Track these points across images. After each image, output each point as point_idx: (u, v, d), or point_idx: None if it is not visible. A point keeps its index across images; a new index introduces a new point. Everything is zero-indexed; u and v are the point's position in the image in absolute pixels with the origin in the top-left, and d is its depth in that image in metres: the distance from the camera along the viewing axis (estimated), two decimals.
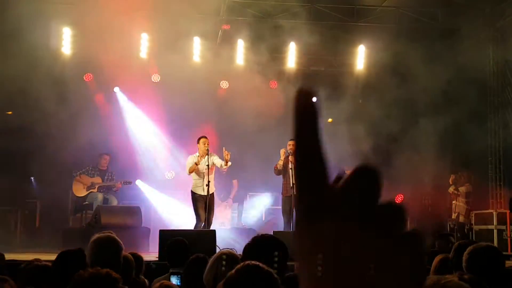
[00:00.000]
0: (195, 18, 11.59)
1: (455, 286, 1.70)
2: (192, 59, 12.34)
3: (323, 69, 13.81)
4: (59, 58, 11.78)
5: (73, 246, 3.52)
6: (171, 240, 5.64)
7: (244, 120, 11.67)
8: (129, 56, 11.95)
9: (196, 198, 9.36)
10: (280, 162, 9.69)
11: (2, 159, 11.28)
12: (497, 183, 12.14)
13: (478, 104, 12.32)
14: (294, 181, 0.65)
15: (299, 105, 0.63)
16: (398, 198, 12.94)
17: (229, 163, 9.31)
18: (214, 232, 8.23)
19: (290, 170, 9.44)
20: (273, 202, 12.24)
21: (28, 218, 11.85)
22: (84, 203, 11.18)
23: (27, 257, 5.52)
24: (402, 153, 12.84)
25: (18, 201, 11.65)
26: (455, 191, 11.93)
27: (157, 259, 7.56)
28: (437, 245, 6.80)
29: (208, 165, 9.06)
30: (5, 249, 6.30)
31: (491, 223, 11.18)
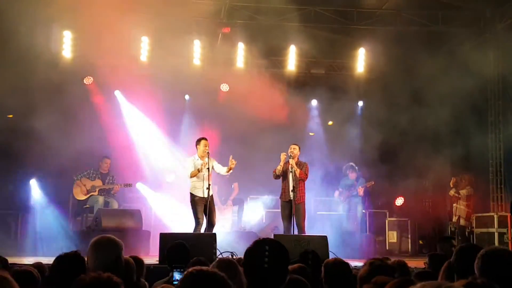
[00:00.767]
0: (195, 21, 11.60)
1: None
2: (192, 62, 12.34)
3: (323, 72, 13.81)
4: (59, 61, 11.77)
5: (74, 249, 3.51)
6: (171, 244, 5.63)
7: (244, 122, 11.65)
8: (129, 59, 11.96)
9: (196, 200, 9.02)
10: (279, 168, 9.43)
11: (3, 162, 11.26)
12: (498, 186, 12.11)
13: (479, 107, 12.31)
14: None
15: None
16: (399, 201, 12.94)
17: (231, 171, 9.25)
18: (214, 235, 8.19)
19: (290, 173, 9.35)
20: (274, 205, 12.21)
21: (28, 222, 11.82)
22: (84, 206, 11.18)
23: (28, 260, 5.51)
24: (402, 155, 12.84)
25: (18, 204, 11.62)
26: (456, 194, 11.91)
27: (157, 262, 7.55)
28: (440, 248, 6.76)
29: (209, 168, 8.99)
30: (5, 253, 6.27)
31: (492, 226, 11.15)
